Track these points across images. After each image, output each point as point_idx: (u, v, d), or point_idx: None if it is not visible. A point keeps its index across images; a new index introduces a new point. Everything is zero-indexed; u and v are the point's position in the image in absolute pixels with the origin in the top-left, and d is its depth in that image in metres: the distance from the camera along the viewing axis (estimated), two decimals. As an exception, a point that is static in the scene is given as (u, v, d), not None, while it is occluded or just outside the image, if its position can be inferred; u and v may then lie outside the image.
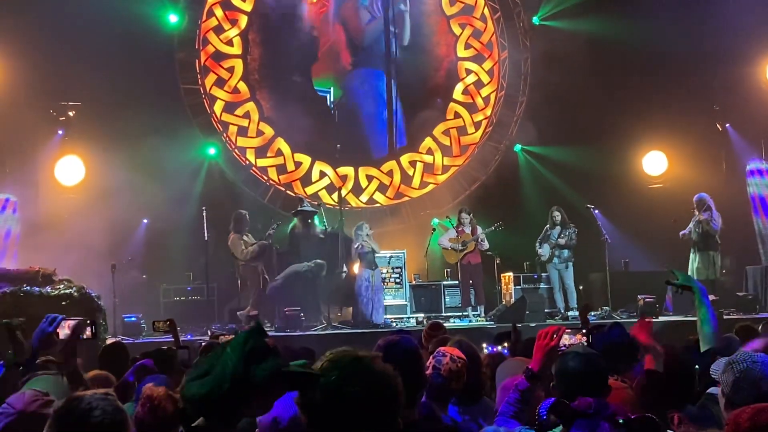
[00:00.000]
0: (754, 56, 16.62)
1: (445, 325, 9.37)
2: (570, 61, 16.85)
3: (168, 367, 5.66)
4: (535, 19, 18.51)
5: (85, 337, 4.62)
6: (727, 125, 17.47)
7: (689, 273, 14.89)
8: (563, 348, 4.08)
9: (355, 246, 14.70)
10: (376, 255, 15.01)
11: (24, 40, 14.27)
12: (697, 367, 4.43)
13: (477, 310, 15.65)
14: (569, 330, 4.31)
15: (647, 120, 17.31)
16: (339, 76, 18.47)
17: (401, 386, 2.45)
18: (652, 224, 16.44)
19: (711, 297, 14.36)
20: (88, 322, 4.66)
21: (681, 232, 15.04)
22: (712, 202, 14.82)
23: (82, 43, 14.94)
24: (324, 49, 18.31)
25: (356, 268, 14.76)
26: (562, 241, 15.46)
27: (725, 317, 13.69)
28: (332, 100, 18.41)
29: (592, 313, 14.98)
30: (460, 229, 15.75)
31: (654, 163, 17.90)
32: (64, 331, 4.50)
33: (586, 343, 4.36)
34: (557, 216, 15.65)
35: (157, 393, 3.69)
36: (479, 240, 15.64)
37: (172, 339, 6.80)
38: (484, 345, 5.86)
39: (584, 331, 4.43)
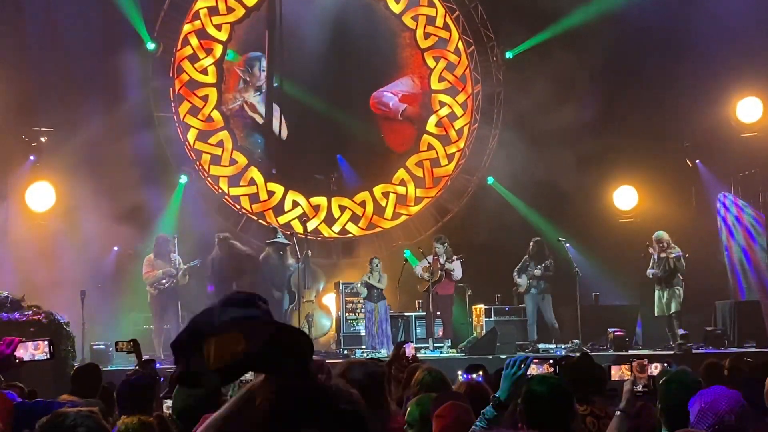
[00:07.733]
0: (725, 94, 16.81)
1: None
2: (542, 94, 17.01)
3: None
4: (509, 53, 18.64)
5: (43, 357, 4.55)
6: (697, 161, 17.67)
7: (655, 308, 15.00)
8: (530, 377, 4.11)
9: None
10: (371, 287, 15.47)
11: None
12: None
13: (441, 343, 15.45)
14: (537, 360, 4.34)
15: (619, 154, 17.48)
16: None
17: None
18: (623, 258, 16.58)
19: (681, 331, 14.55)
20: (46, 341, 4.59)
21: (650, 272, 15.15)
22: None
23: (56, 68, 14.91)
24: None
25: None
26: (538, 273, 15.53)
27: (694, 351, 13.83)
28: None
29: (562, 346, 15.04)
30: (435, 258, 15.73)
31: (625, 197, 18.03)
32: (29, 351, 4.46)
33: (553, 373, 4.39)
34: (534, 247, 15.74)
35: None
36: (447, 270, 15.52)
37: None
38: (460, 372, 5.89)
39: (551, 361, 4.45)
